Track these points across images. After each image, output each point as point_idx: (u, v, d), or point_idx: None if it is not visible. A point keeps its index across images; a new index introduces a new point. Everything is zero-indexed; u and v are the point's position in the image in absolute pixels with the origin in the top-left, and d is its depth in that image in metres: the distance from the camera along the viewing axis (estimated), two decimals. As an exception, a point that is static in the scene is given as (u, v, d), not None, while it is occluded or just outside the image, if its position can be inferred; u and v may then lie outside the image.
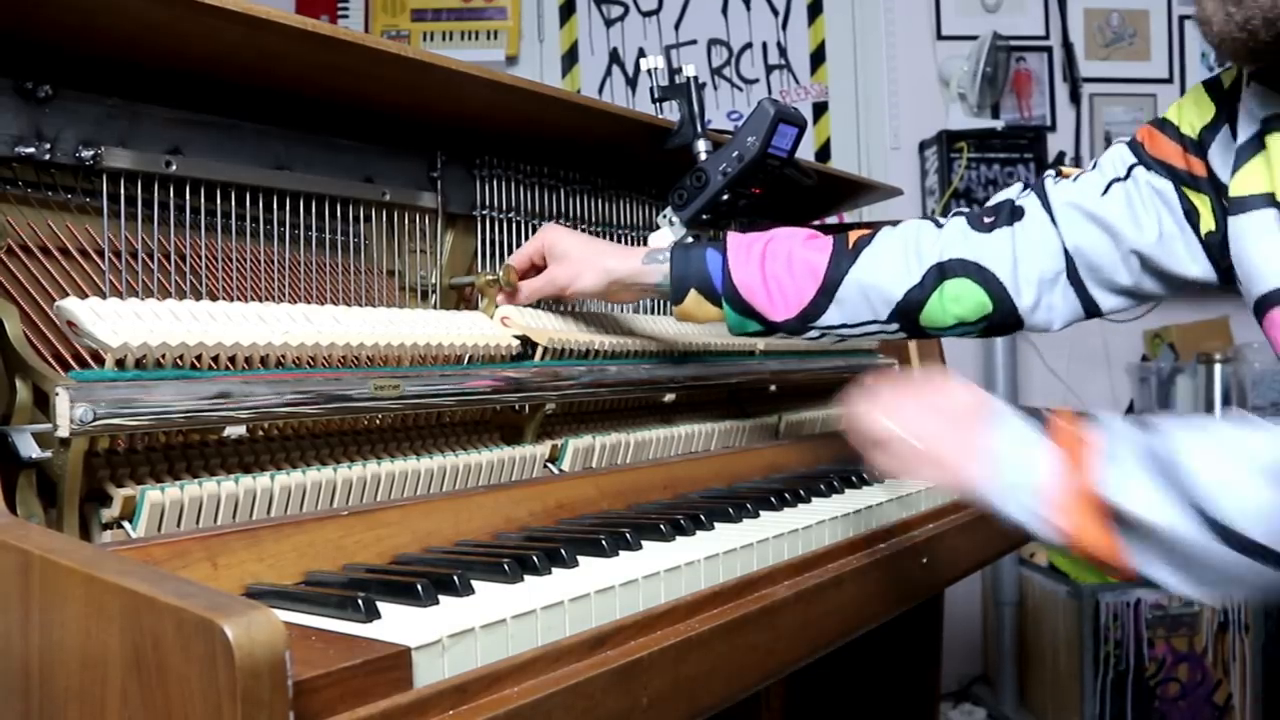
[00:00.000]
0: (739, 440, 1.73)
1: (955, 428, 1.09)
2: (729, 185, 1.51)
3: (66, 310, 0.96)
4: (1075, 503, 1.00)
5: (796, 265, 1.43)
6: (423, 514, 1.09)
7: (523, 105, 1.40)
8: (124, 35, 1.04)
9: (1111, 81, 4.16)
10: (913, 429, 1.11)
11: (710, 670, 0.96)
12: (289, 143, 1.25)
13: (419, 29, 3.95)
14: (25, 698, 0.71)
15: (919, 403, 1.13)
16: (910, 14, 4.09)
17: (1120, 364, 4.03)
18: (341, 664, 0.68)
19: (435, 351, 1.25)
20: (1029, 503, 1.03)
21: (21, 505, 0.90)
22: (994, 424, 1.07)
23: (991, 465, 1.05)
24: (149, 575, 0.65)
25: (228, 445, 1.06)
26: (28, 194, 1.05)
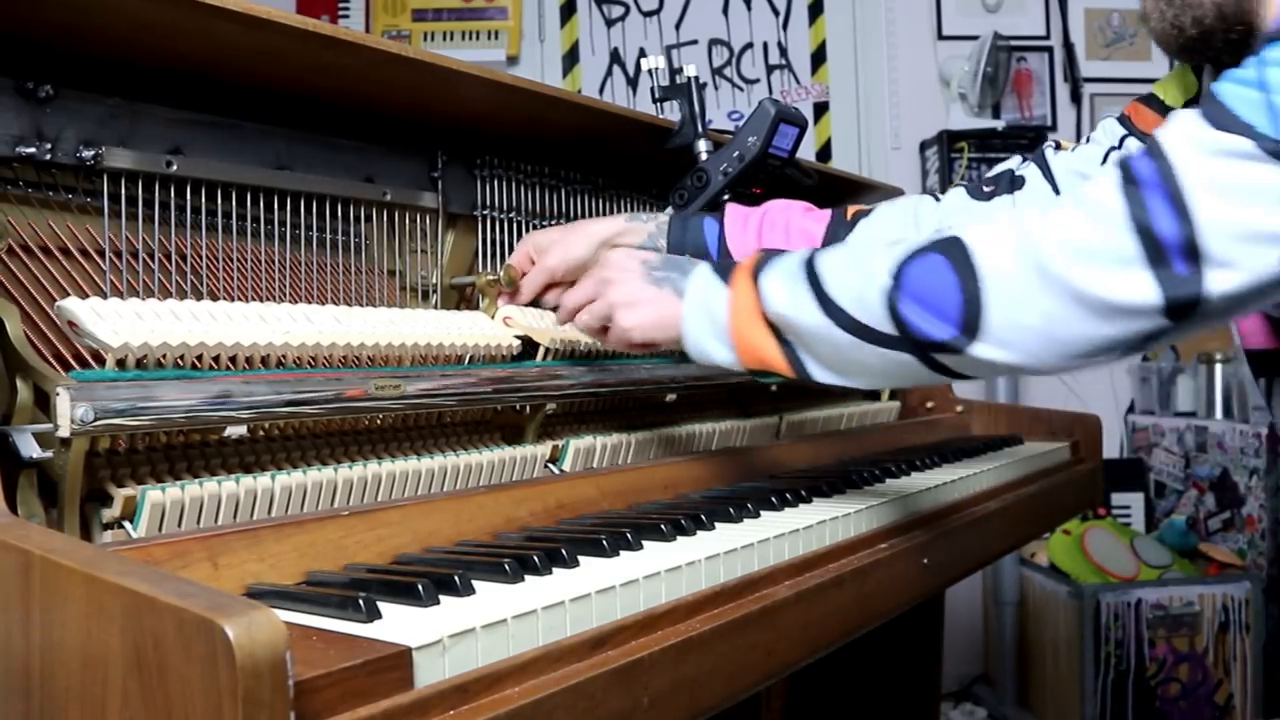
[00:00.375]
0: (740, 440, 1.73)
1: (652, 283, 1.26)
2: (730, 185, 1.52)
3: (67, 310, 0.96)
4: (746, 322, 1.17)
5: (794, 233, 1.47)
6: (423, 514, 1.09)
7: (524, 105, 1.40)
8: (125, 35, 1.04)
9: (1112, 81, 4.17)
10: (622, 293, 1.27)
11: (711, 670, 0.96)
12: (290, 143, 1.25)
13: (420, 29, 3.96)
14: (26, 698, 0.71)
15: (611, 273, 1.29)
16: (911, 14, 4.09)
17: (1121, 364, 4.03)
18: (342, 664, 0.68)
19: (436, 352, 1.25)
20: (715, 333, 1.20)
21: (22, 505, 0.90)
22: (686, 277, 1.24)
23: (687, 310, 1.21)
24: (150, 575, 0.65)
25: (228, 445, 1.06)
26: (28, 194, 1.05)
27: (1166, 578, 3.25)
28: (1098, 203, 1.00)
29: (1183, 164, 0.97)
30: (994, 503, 1.65)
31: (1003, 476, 1.77)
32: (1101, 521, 3.46)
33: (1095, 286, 0.98)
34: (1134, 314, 0.99)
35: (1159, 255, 0.97)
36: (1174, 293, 0.97)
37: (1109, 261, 0.98)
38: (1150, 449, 3.85)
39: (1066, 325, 1.01)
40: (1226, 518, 3.45)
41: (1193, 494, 3.60)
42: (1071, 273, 0.99)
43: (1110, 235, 0.98)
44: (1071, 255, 0.99)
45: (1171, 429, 3.72)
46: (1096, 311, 0.99)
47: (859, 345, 1.10)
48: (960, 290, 1.04)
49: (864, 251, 1.12)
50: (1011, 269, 1.02)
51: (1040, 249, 1.01)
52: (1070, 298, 1.00)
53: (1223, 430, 3.47)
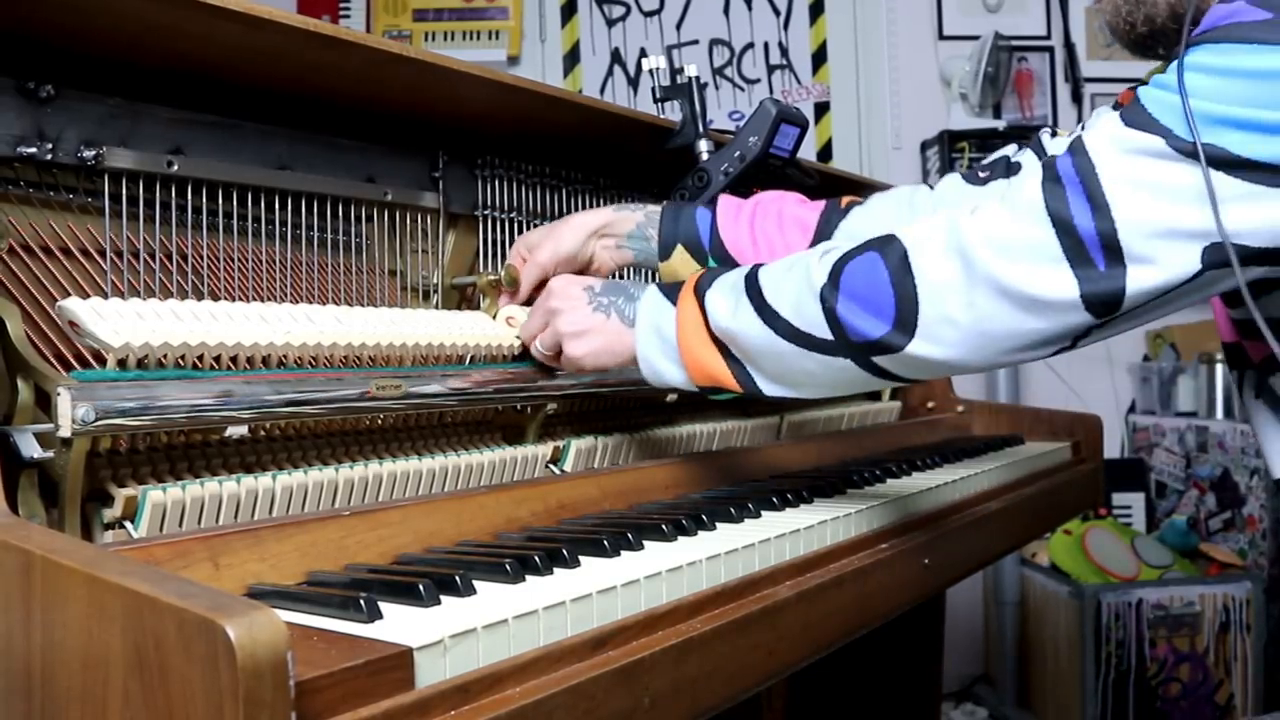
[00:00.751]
0: (741, 440, 1.73)
1: (599, 308, 1.28)
2: (731, 185, 1.51)
3: (68, 310, 0.96)
4: (694, 340, 1.20)
5: (786, 221, 1.47)
6: (425, 514, 1.09)
7: (525, 105, 1.40)
8: (126, 35, 1.04)
9: (1113, 81, 4.16)
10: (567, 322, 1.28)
11: (712, 670, 0.96)
12: (291, 143, 1.25)
13: (420, 29, 3.96)
14: (27, 698, 0.71)
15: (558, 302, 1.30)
16: (912, 14, 4.09)
17: (1122, 364, 4.03)
18: (343, 664, 0.68)
19: (437, 351, 1.25)
20: (666, 353, 1.22)
21: (23, 505, 0.90)
22: (632, 301, 1.26)
23: (639, 333, 1.23)
24: (151, 575, 0.65)
25: (229, 445, 1.06)
26: (29, 194, 1.05)
27: (1167, 578, 3.25)
28: (1021, 199, 1.03)
29: (1102, 161, 0.99)
30: (995, 503, 1.65)
31: (1003, 477, 1.77)
32: (1102, 521, 3.46)
33: (1018, 281, 1.00)
34: (1057, 309, 1.01)
35: (1078, 251, 0.99)
36: (1093, 288, 0.99)
37: (1031, 257, 1.00)
38: (1151, 449, 3.84)
39: (994, 320, 1.03)
40: (1227, 518, 3.45)
41: (1193, 494, 3.60)
42: (995, 267, 1.01)
43: (1032, 231, 1.01)
44: (996, 250, 1.01)
45: (1172, 429, 3.72)
46: (1021, 306, 1.01)
47: (801, 354, 1.12)
48: (893, 287, 1.06)
49: (803, 258, 1.14)
50: (942, 265, 1.04)
51: (967, 245, 1.03)
52: (996, 292, 1.02)
53: (1223, 430, 3.47)
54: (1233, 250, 0.96)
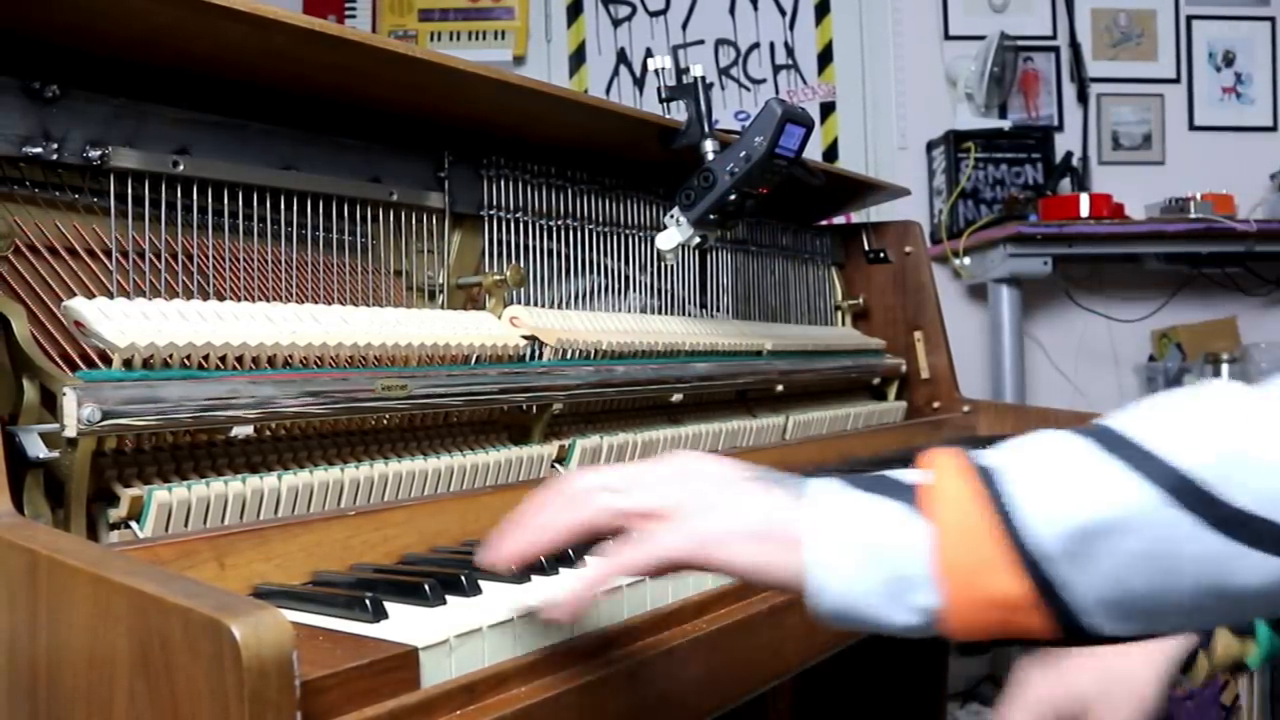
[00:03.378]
0: (746, 441, 1.72)
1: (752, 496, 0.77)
2: (736, 185, 1.51)
3: (74, 310, 0.96)
4: (974, 557, 0.68)
5: None
6: (430, 514, 1.09)
7: (530, 105, 1.40)
8: (131, 35, 1.04)
9: (1119, 81, 4.16)
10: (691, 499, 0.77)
11: (718, 670, 0.96)
12: (296, 143, 1.25)
13: (426, 29, 3.96)
14: (33, 697, 0.71)
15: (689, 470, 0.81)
16: (917, 14, 4.09)
17: (1128, 364, 4.02)
18: (349, 664, 0.68)
19: (443, 351, 1.25)
20: (888, 582, 0.70)
21: (29, 505, 0.90)
22: (809, 491, 0.76)
23: (820, 533, 0.72)
24: (156, 575, 0.65)
25: (235, 445, 1.06)
26: (35, 194, 1.05)
27: (1174, 578, 3.24)
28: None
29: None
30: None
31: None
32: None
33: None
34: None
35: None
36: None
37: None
38: (1157, 449, 3.83)
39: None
40: (1234, 518, 3.43)
41: (1200, 494, 3.58)
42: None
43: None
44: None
45: (1179, 429, 3.70)
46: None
47: (1230, 555, 0.65)
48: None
49: (1181, 400, 0.70)
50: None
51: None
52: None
53: (1230, 430, 3.45)
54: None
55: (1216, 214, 3.55)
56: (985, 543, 0.68)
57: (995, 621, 0.69)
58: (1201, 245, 3.66)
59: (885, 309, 2.36)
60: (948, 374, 2.30)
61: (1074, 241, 3.54)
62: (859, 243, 2.38)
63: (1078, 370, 3.99)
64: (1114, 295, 4.07)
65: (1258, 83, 4.24)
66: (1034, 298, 3.95)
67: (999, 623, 0.69)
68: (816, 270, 2.26)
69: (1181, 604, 0.67)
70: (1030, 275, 3.60)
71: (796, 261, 2.19)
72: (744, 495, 0.76)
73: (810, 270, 2.24)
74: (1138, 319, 4.04)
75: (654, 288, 1.79)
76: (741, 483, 0.78)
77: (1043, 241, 3.52)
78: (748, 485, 0.77)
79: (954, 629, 0.70)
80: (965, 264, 3.83)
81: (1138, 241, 3.65)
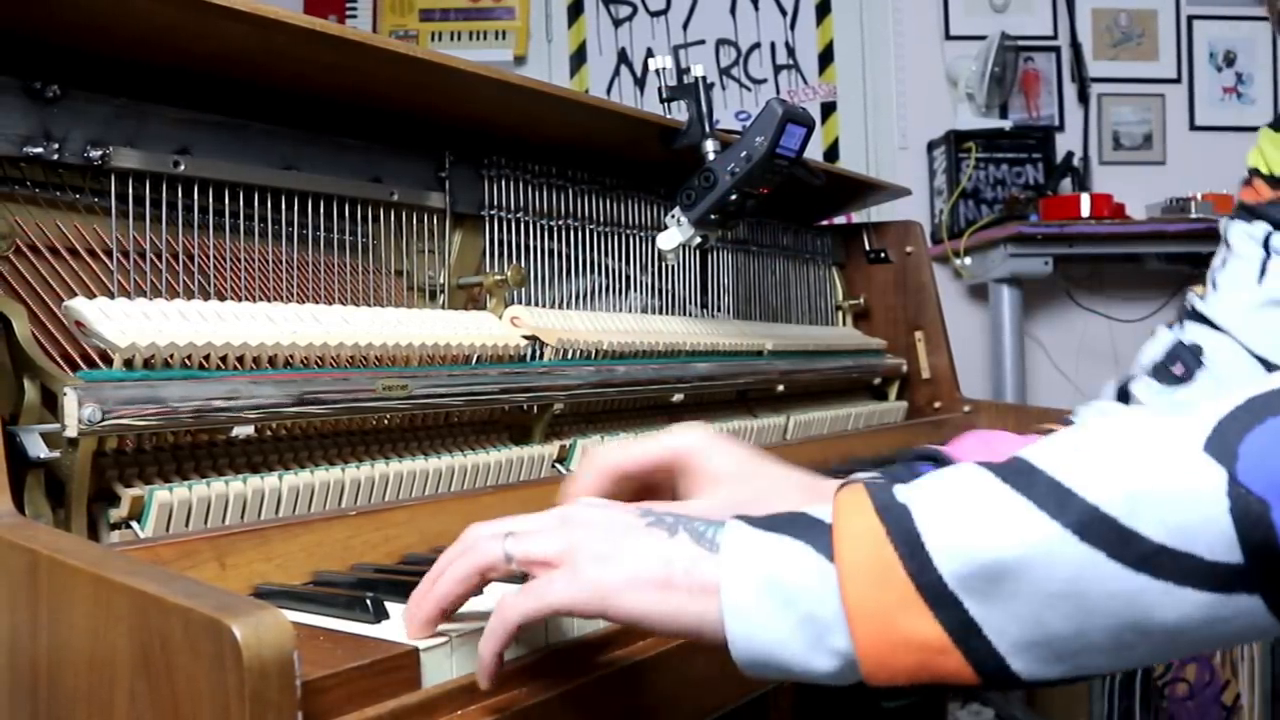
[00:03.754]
0: (747, 440, 1.72)
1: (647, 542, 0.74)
2: (737, 185, 1.51)
3: (74, 310, 0.96)
4: (874, 594, 0.66)
5: None
6: (431, 514, 1.09)
7: (531, 105, 1.40)
8: (132, 35, 1.04)
9: (1120, 81, 4.16)
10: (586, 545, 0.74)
11: (720, 669, 0.96)
12: (297, 143, 1.25)
13: (427, 29, 3.96)
14: (33, 698, 0.71)
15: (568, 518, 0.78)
16: (918, 14, 4.09)
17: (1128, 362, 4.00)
18: (350, 664, 0.68)
19: (443, 351, 1.25)
20: (800, 624, 0.68)
21: (29, 505, 0.90)
22: (718, 526, 0.74)
23: (730, 576, 0.69)
24: (157, 575, 0.65)
25: (236, 445, 1.06)
26: (36, 194, 1.05)
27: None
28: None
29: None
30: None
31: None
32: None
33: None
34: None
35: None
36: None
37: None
38: (1158, 449, 3.83)
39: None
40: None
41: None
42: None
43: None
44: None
45: (1179, 429, 3.71)
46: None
47: (1158, 593, 0.62)
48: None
49: (1116, 432, 0.67)
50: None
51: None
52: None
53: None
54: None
55: (1217, 214, 3.55)
56: (893, 582, 0.65)
57: (914, 664, 0.66)
58: (1202, 245, 3.66)
59: (886, 309, 2.35)
60: (949, 374, 2.30)
61: (1075, 241, 3.55)
62: (860, 243, 2.38)
63: (1078, 370, 3.99)
64: (1115, 295, 4.08)
65: (1258, 83, 4.25)
66: (1035, 298, 3.95)
67: (918, 665, 0.66)
68: (817, 270, 2.26)
69: (1104, 643, 0.64)
70: (1031, 275, 3.60)
71: (797, 261, 2.19)
72: (644, 541, 0.73)
73: (811, 270, 2.24)
74: (1138, 319, 4.04)
75: (655, 288, 1.79)
76: (642, 529, 0.74)
77: (1043, 241, 3.53)
78: (649, 531, 0.74)
79: (873, 674, 0.67)
80: (966, 264, 3.83)
81: (1138, 241, 3.66)
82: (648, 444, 0.91)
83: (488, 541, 0.76)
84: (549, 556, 0.74)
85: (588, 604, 0.71)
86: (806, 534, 0.69)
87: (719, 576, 0.69)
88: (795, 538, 0.69)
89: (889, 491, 0.69)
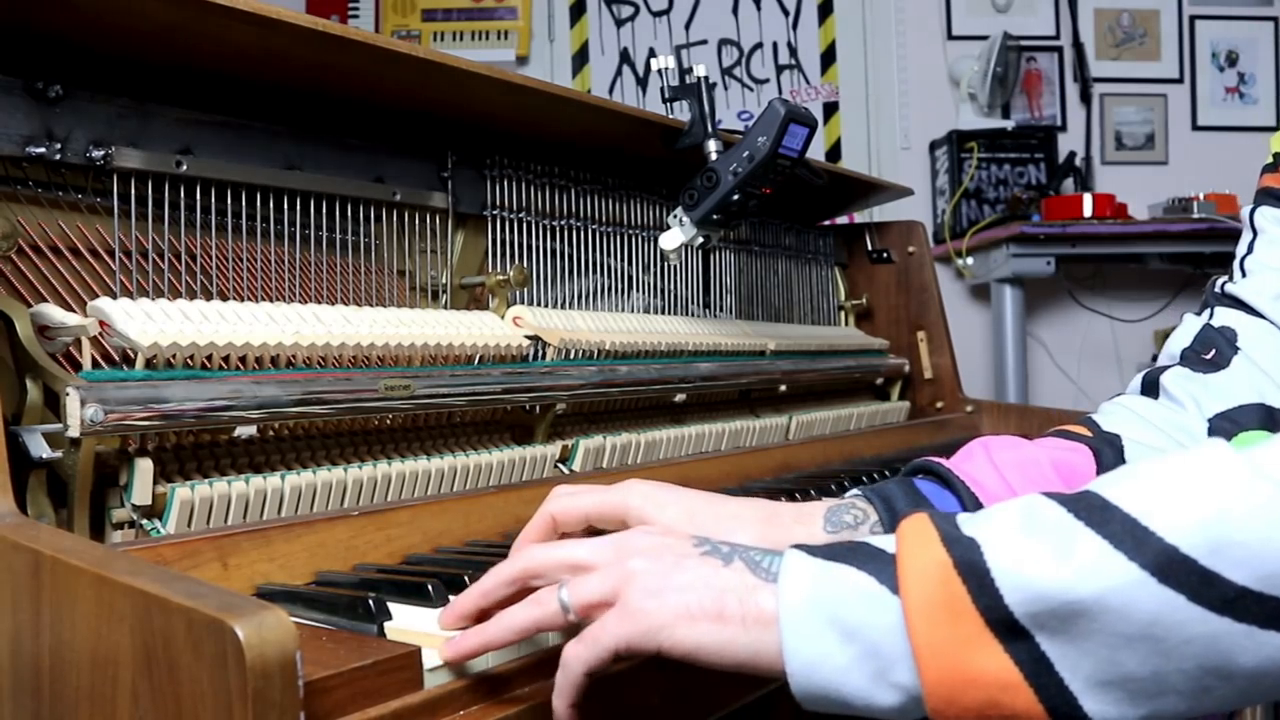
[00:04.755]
0: (750, 440, 1.72)
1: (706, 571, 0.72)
2: (740, 185, 1.51)
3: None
4: (943, 631, 0.65)
5: (1045, 468, 1.09)
6: (433, 514, 1.09)
7: (533, 105, 1.40)
8: (134, 35, 1.04)
9: (1122, 81, 4.16)
10: None
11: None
12: (299, 143, 1.25)
13: (429, 29, 3.96)
14: (36, 697, 0.71)
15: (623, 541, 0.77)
16: (921, 14, 4.09)
17: (1130, 363, 4.02)
18: (352, 664, 0.68)
19: (446, 351, 1.25)
20: (860, 659, 0.66)
21: (32, 505, 0.90)
22: (778, 556, 0.72)
23: (789, 611, 0.68)
24: (160, 575, 0.65)
25: (238, 445, 1.06)
26: (38, 194, 1.05)
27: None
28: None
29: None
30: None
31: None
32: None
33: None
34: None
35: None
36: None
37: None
38: (1161, 449, 3.83)
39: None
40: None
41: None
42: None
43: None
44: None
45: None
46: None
47: (1234, 635, 0.61)
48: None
49: (1175, 468, 0.65)
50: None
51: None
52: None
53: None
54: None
55: (1219, 214, 3.55)
56: (963, 617, 0.64)
57: (982, 701, 0.64)
58: (1204, 245, 3.67)
59: (888, 309, 2.35)
60: (951, 374, 2.30)
61: (1077, 241, 3.54)
62: (862, 243, 2.38)
63: (1080, 370, 3.99)
64: (1117, 295, 4.07)
65: (1260, 83, 4.24)
66: (1037, 298, 3.95)
67: (986, 702, 0.64)
68: (820, 270, 2.26)
69: (1183, 686, 0.63)
70: (1033, 275, 3.60)
71: (800, 261, 2.19)
72: (697, 572, 0.72)
73: (813, 270, 2.24)
74: (1140, 319, 4.04)
75: (657, 288, 1.79)
76: (696, 558, 0.73)
77: (1046, 241, 3.52)
78: (703, 560, 0.73)
79: (940, 710, 0.65)
80: (968, 264, 3.83)
81: (1140, 241, 3.66)
82: (600, 494, 0.90)
83: (546, 597, 0.74)
84: (604, 597, 0.72)
85: (643, 640, 0.70)
86: (869, 565, 0.68)
87: (777, 607, 0.68)
88: (859, 568, 0.68)
89: (954, 523, 0.68)
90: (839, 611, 0.66)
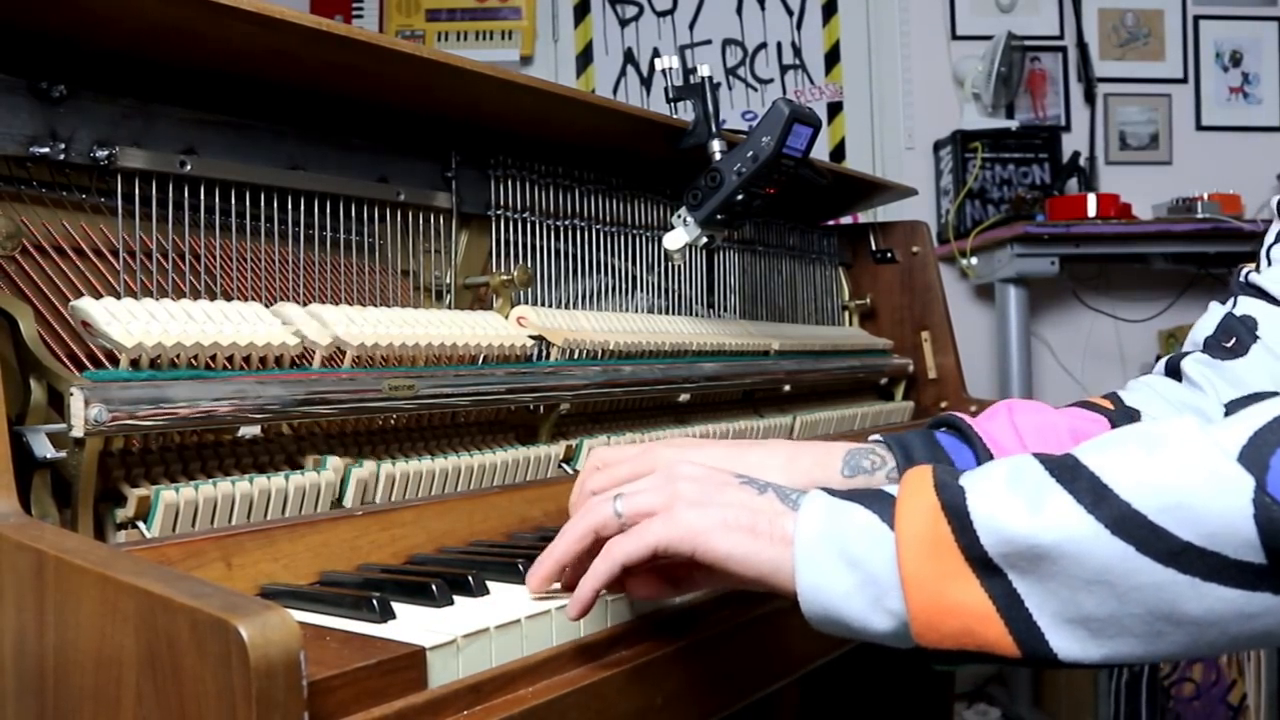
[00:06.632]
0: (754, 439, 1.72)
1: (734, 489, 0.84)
2: (744, 185, 1.51)
3: (81, 310, 0.96)
4: (927, 564, 0.73)
5: (1063, 434, 1.14)
6: (437, 514, 1.09)
7: (537, 105, 1.40)
8: (138, 35, 1.04)
9: (1126, 81, 4.16)
10: None
11: (724, 670, 0.96)
12: (303, 143, 1.25)
13: (433, 29, 3.96)
14: (40, 697, 0.71)
15: None
16: (925, 14, 4.08)
17: (1134, 363, 4.01)
18: (356, 664, 0.68)
19: (450, 352, 1.25)
20: (862, 585, 0.76)
21: (36, 505, 0.90)
22: (798, 498, 0.82)
23: (803, 538, 0.78)
24: (164, 575, 0.65)
25: (242, 445, 1.06)
26: (42, 194, 1.05)
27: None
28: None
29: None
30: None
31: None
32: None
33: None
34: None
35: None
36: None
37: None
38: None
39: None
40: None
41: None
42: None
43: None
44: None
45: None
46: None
47: (1184, 586, 0.68)
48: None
49: (1156, 435, 0.72)
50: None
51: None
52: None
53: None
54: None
55: (1223, 214, 3.54)
56: (945, 552, 0.73)
57: (958, 629, 0.73)
58: (1208, 245, 3.66)
59: (892, 309, 2.35)
60: (955, 374, 2.30)
61: (1081, 241, 3.54)
62: (866, 243, 2.38)
63: (1085, 370, 3.99)
64: (1121, 295, 4.07)
65: (1265, 83, 4.24)
66: (1041, 298, 3.95)
67: (962, 630, 0.73)
68: (824, 270, 2.26)
69: (1137, 629, 0.70)
70: (1037, 275, 3.60)
71: (804, 261, 2.19)
72: (736, 494, 0.83)
73: (817, 270, 2.24)
74: (1145, 319, 4.04)
75: (661, 288, 1.79)
76: (735, 485, 0.84)
77: (1050, 241, 3.52)
78: (741, 487, 0.84)
79: (922, 634, 0.74)
80: (972, 264, 3.83)
81: (1145, 241, 3.65)
82: (631, 464, 0.98)
83: (600, 503, 0.86)
84: (654, 507, 0.83)
85: (681, 542, 0.80)
86: (875, 504, 0.77)
87: (795, 530, 0.78)
88: (866, 507, 0.77)
89: (950, 473, 0.77)
90: (845, 543, 0.76)
